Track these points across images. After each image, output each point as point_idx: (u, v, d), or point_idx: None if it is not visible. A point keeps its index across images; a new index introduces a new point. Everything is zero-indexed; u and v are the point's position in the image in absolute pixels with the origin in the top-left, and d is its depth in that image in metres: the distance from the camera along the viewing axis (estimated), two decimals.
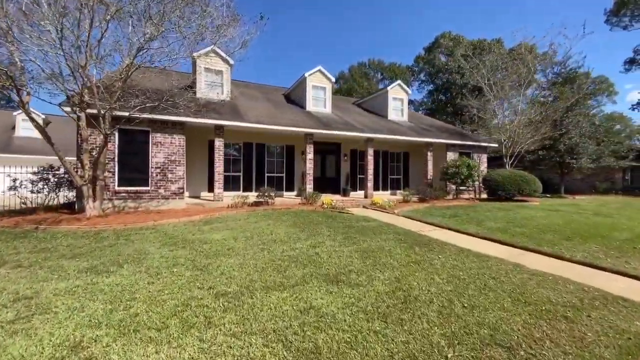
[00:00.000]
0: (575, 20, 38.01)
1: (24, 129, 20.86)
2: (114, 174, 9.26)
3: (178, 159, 9.92)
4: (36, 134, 16.02)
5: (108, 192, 9.17)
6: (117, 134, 9.31)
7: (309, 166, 11.80)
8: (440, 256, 5.24)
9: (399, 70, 45.33)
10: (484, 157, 15.99)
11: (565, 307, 3.39)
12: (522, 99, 16.90)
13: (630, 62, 28.06)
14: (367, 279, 4.07)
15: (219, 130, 10.44)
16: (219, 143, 10.45)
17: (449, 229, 7.80)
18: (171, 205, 9.78)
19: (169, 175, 9.80)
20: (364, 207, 11.75)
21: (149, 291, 3.59)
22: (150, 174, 9.63)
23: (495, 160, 20.22)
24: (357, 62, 47.70)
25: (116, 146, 9.31)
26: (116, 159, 9.30)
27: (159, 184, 9.69)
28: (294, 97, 15.70)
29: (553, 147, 17.59)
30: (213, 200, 10.40)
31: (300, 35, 74.09)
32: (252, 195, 11.01)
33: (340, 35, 74.66)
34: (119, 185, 9.35)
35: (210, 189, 11.95)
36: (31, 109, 8.71)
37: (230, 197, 10.29)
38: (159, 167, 9.70)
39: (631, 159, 20.12)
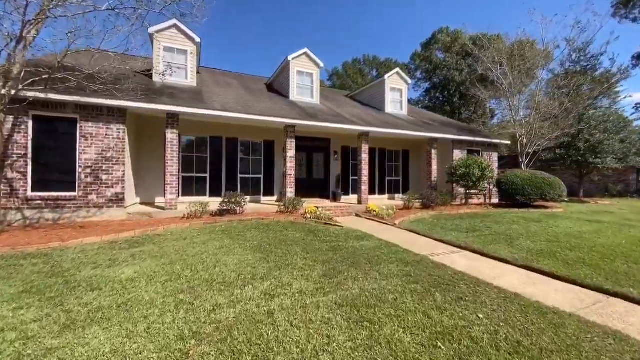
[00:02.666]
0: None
1: None
2: (25, 176, 6.97)
3: (116, 155, 7.66)
4: None
5: (16, 200, 6.88)
6: (30, 123, 7.05)
7: (290, 165, 9.61)
8: (479, 314, 3.11)
9: (395, 66, 43.43)
10: (495, 157, 13.97)
11: None
12: (539, 89, 14.93)
13: (639, 58, 26.42)
14: None
15: (172, 119, 8.20)
16: (172, 136, 8.21)
17: (473, 251, 5.67)
18: (106, 215, 7.51)
19: (103, 177, 7.53)
20: (357, 215, 9.60)
21: None
22: (77, 175, 7.36)
23: (500, 160, 18.27)
24: (352, 59, 45.72)
25: (29, 139, 7.03)
26: (29, 156, 7.02)
27: (89, 189, 7.42)
28: (277, 86, 13.52)
29: (571, 145, 15.65)
30: (166, 209, 8.15)
31: (292, 30, 71.90)
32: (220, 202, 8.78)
33: (334, 31, 72.66)
34: (33, 191, 7.07)
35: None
36: None
37: (190, 203, 8.04)
38: (90, 167, 7.43)
39: None
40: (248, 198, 10.68)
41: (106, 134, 7.58)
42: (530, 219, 8.58)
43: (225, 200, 8.09)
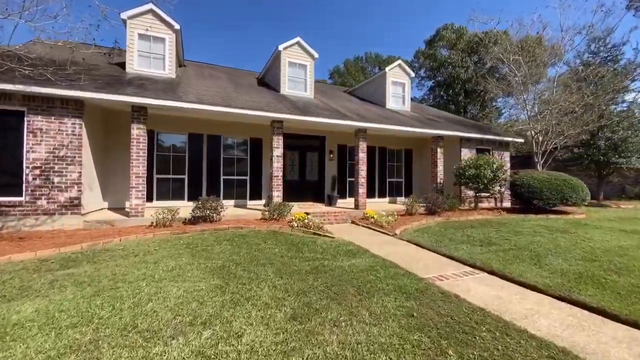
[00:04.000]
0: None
1: None
2: None
3: (71, 154, 6.61)
4: None
5: None
6: None
7: (277, 166, 8.51)
8: None
9: None
10: (507, 156, 12.76)
11: None
12: (556, 80, 13.64)
13: None
14: None
15: (139, 112, 7.14)
16: (138, 132, 7.14)
17: (492, 272, 4.52)
18: (58, 224, 6.46)
19: (55, 180, 6.48)
20: (352, 222, 8.47)
21: None
22: (24, 177, 6.32)
23: (510, 160, 16.99)
24: (353, 56, 44.58)
25: None
26: None
27: (38, 193, 6.37)
28: (269, 80, 12.44)
29: (590, 144, 14.35)
30: (130, 216, 7.08)
31: (292, 27, 70.85)
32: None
33: (335, 28, 71.53)
34: None
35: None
36: None
37: (161, 209, 6.95)
38: (39, 167, 6.39)
39: None
40: (232, 202, 9.64)
41: (59, 130, 6.53)
42: (555, 228, 7.38)
43: (199, 206, 7.00)
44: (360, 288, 3.70)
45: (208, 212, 7.07)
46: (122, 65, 9.19)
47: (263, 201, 10.15)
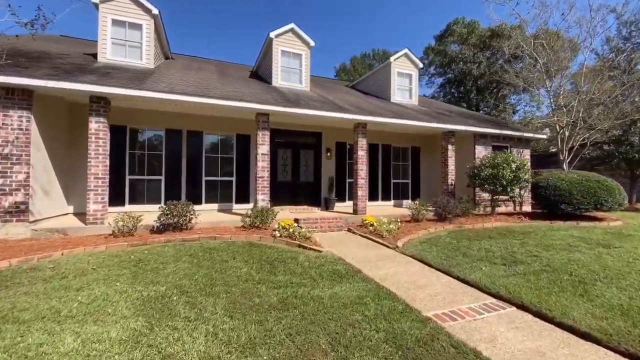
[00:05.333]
0: None
1: None
2: None
3: (17, 152, 5.68)
4: None
5: None
6: None
7: (262, 165, 7.45)
8: None
9: None
10: (527, 154, 11.39)
11: None
12: (584, 69, 12.16)
13: None
14: None
15: (98, 103, 6.17)
16: (97, 125, 6.18)
17: (523, 307, 3.35)
18: (2, 233, 5.54)
19: None
20: (349, 230, 7.35)
21: None
22: None
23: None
24: (360, 53, 43.32)
25: None
26: None
27: None
28: (262, 72, 11.41)
29: (621, 140, 12.79)
30: (88, 223, 6.12)
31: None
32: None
33: (342, 25, 70.25)
34: None
35: (110, 200, 7.70)
36: None
37: (127, 214, 5.96)
38: None
39: None
40: (216, 206, 8.65)
41: (3, 124, 5.61)
42: (593, 240, 6.08)
43: (166, 212, 5.98)
44: (337, 339, 2.58)
45: (177, 218, 6.04)
46: (96, 55, 8.30)
47: (251, 205, 9.08)
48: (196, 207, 8.42)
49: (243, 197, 9.04)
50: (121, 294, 3.39)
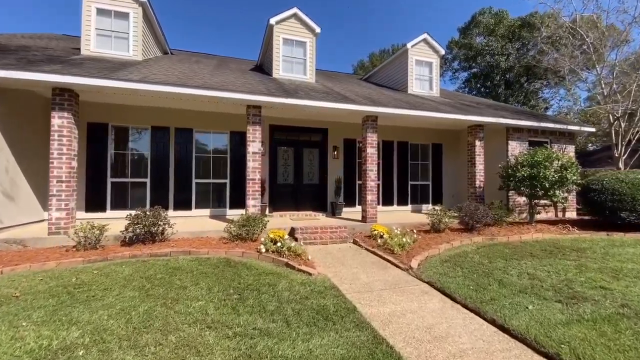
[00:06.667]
0: None
1: None
2: None
3: None
4: None
5: None
6: None
7: (253, 166, 6.45)
8: None
9: None
10: (571, 151, 9.68)
11: None
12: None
13: None
14: None
15: (62, 96, 5.40)
16: (61, 122, 5.40)
17: None
18: None
19: None
20: (354, 241, 6.18)
21: None
22: None
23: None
24: (379, 50, 41.73)
25: None
26: None
27: None
28: (265, 65, 10.45)
29: None
30: (50, 233, 5.36)
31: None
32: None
33: (360, 22, 68.65)
34: None
35: (89, 205, 6.99)
36: None
37: (90, 223, 5.15)
38: None
39: None
40: (207, 212, 7.75)
41: None
42: None
43: (134, 221, 5.09)
44: None
45: (146, 229, 5.14)
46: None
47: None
48: (186, 213, 7.65)
49: (238, 202, 8.07)
50: (15, 341, 2.46)
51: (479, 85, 38.14)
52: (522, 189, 7.39)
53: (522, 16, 32.67)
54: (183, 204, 7.57)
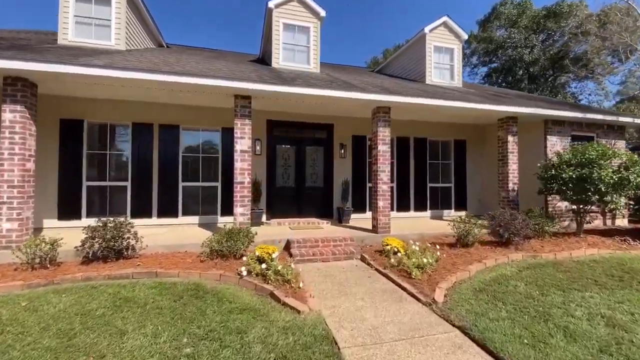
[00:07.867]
0: None
1: None
2: None
3: None
4: None
5: None
6: None
7: (241, 167, 5.47)
8: None
9: None
10: (622, 146, 8.21)
11: None
12: None
13: None
14: None
15: (14, 86, 4.59)
16: (14, 115, 4.58)
17: None
18: None
19: None
20: (362, 259, 5.10)
21: None
22: None
23: None
24: (393, 46, 40.19)
25: None
26: None
27: None
28: (266, 55, 9.48)
29: None
30: (1, 247, 4.55)
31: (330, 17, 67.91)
32: (143, 225, 4.87)
33: (375, 18, 67.03)
34: None
35: (62, 212, 6.20)
36: None
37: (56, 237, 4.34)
38: None
39: None
40: (196, 219, 6.84)
41: None
42: None
43: (92, 235, 4.19)
44: None
45: (111, 243, 4.23)
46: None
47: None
48: (171, 221, 6.75)
49: (231, 208, 7.11)
50: None
51: (499, 80, 36.00)
52: (569, 193, 6.07)
53: (547, 6, 30.51)
54: (168, 210, 6.69)
